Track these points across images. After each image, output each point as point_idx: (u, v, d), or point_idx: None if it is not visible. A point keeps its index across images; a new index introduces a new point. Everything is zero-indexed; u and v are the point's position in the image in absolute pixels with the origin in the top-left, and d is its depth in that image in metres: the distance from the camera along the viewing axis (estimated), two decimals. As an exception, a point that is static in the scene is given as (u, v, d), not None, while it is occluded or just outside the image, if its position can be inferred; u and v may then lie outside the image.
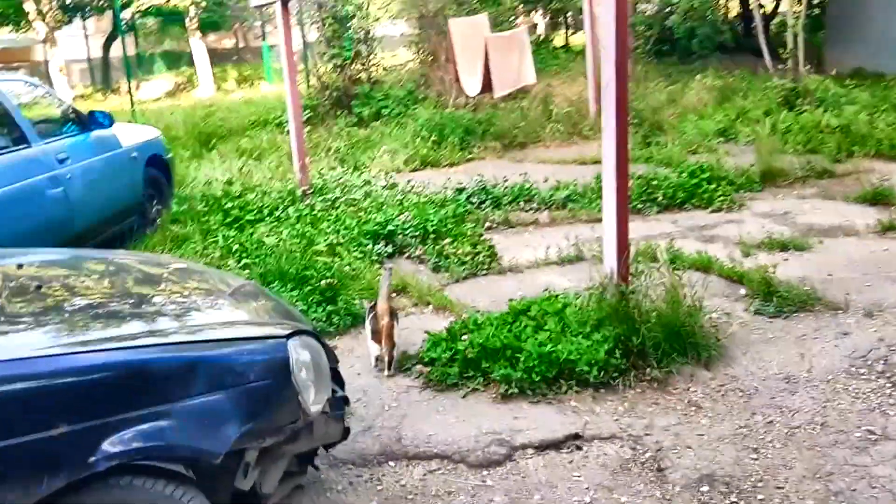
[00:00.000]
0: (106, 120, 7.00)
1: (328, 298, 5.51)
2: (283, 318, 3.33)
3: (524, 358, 4.31)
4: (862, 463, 3.55)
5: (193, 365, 2.66)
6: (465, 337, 4.57)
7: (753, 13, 14.20)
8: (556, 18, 24.53)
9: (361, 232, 6.80)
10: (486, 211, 7.99)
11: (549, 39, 23.43)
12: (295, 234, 6.75)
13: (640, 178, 8.32)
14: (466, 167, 10.71)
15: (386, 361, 4.68)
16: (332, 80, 13.60)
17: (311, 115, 13.27)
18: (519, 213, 8.00)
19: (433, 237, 6.80)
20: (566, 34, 23.74)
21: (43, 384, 2.45)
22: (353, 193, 8.33)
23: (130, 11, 25.96)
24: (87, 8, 26.68)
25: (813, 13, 18.04)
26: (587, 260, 6.05)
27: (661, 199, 7.95)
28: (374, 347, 4.76)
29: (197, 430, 2.60)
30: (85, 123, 6.94)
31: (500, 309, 5.15)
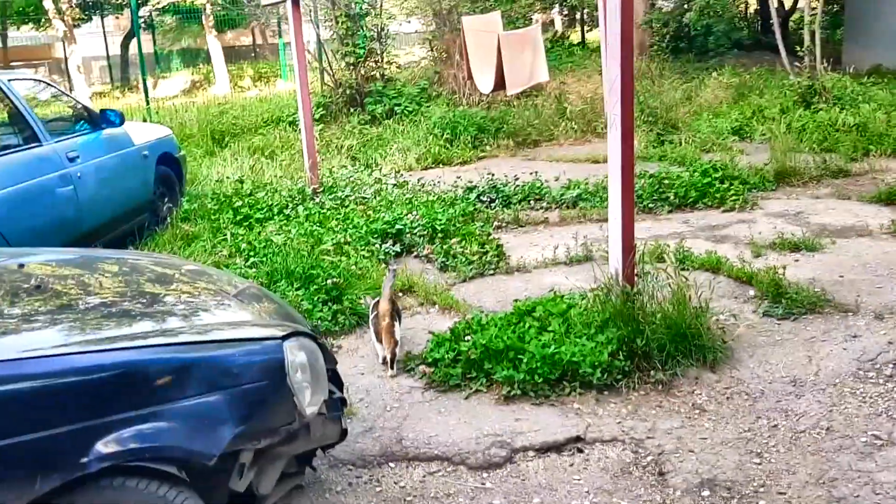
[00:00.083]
0: (117, 118, 7.03)
1: (334, 298, 5.50)
2: (283, 320, 3.32)
3: (527, 359, 4.29)
4: (866, 469, 3.50)
5: (187, 366, 2.66)
6: (468, 338, 4.55)
7: (770, 10, 14.07)
8: (572, 15, 24.39)
9: (369, 231, 6.79)
10: (495, 210, 7.97)
11: (565, 36, 23.33)
12: (303, 232, 6.75)
13: (651, 176, 8.28)
14: (478, 165, 10.71)
15: (388, 360, 4.68)
16: (345, 77, 13.59)
17: (323, 112, 13.30)
18: (529, 211, 7.98)
19: (441, 236, 6.79)
20: (582, 31, 23.61)
21: (34, 385, 2.46)
22: (362, 192, 8.33)
23: (148, 9, 26.06)
24: (105, 6, 26.82)
25: (832, 10, 17.90)
26: (596, 260, 6.03)
27: (672, 198, 7.90)
28: (380, 348, 4.78)
29: (190, 431, 2.59)
30: (96, 122, 6.97)
31: (506, 309, 5.14)
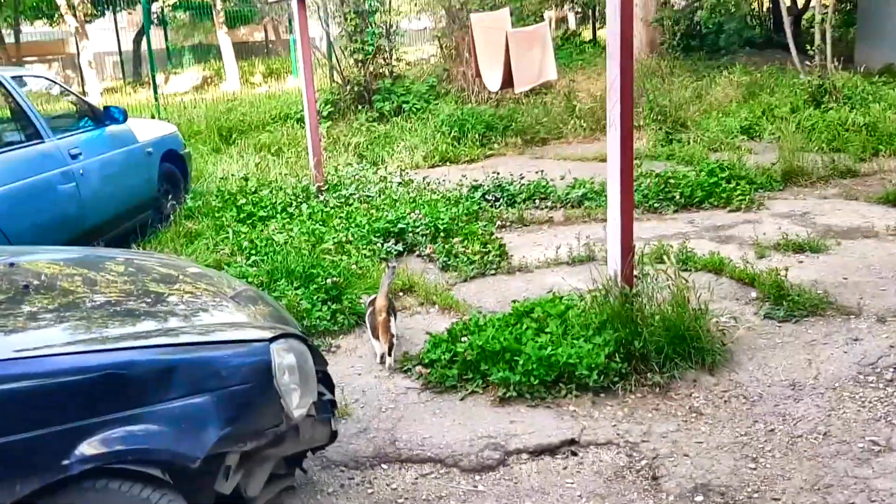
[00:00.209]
0: (120, 115, 7.03)
1: (333, 297, 5.49)
2: (276, 322, 3.31)
3: (523, 361, 4.26)
4: (863, 475, 3.46)
5: (172, 368, 2.65)
6: (464, 339, 4.53)
7: (781, 8, 13.97)
8: (584, 12, 24.29)
9: (372, 229, 6.76)
10: (500, 209, 7.94)
11: (577, 34, 23.25)
12: (305, 231, 6.73)
13: (657, 176, 8.22)
14: (486, 163, 10.67)
15: (387, 351, 4.71)
16: (353, 74, 13.56)
17: (331, 110, 13.28)
18: (534, 210, 7.94)
19: (444, 235, 6.76)
20: (594, 28, 23.51)
21: (15, 387, 2.45)
22: (367, 190, 8.30)
23: (160, 5, 26.10)
24: (118, 1, 26.88)
25: (845, 8, 17.75)
26: (598, 260, 5.99)
27: (678, 197, 7.85)
28: (377, 346, 4.79)
29: (174, 433, 2.59)
30: (100, 119, 6.99)
31: (506, 310, 5.11)
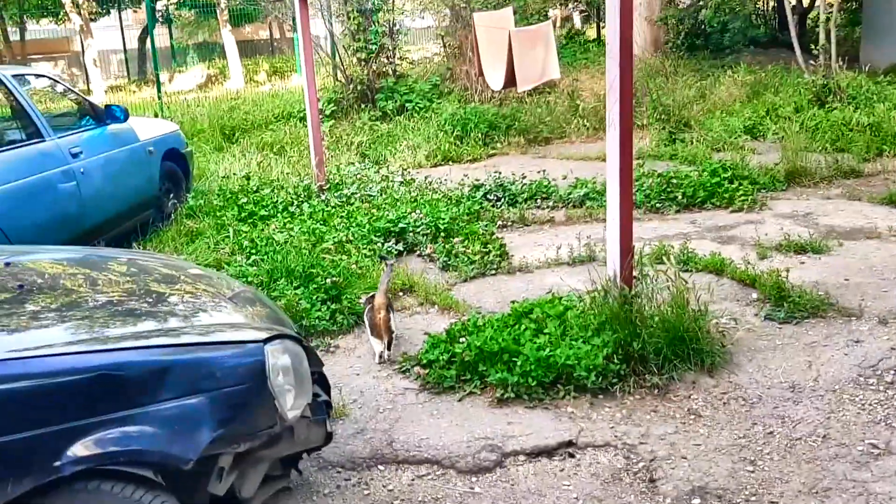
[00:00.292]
0: (121, 114, 7.03)
1: (333, 297, 5.48)
2: (273, 324, 3.29)
3: (521, 362, 4.25)
4: (861, 479, 3.44)
5: (164, 369, 2.64)
6: (462, 339, 4.51)
7: (785, 7, 13.91)
8: (589, 11, 24.23)
9: (372, 229, 6.75)
10: (501, 208, 7.92)
11: (581, 32, 23.20)
12: (305, 230, 6.72)
13: (659, 176, 8.19)
14: (488, 163, 10.65)
15: (386, 346, 4.76)
16: (356, 73, 13.54)
17: (334, 109, 13.26)
18: (535, 210, 7.92)
19: (444, 235, 6.74)
20: (598, 27, 23.46)
21: (7, 388, 2.44)
22: (369, 189, 8.29)
23: (165, 3, 26.14)
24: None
25: (850, 7, 17.69)
26: (598, 261, 5.97)
27: (680, 197, 7.81)
28: (376, 344, 4.79)
29: (167, 435, 2.57)
30: (101, 117, 6.98)
31: (505, 310, 5.09)
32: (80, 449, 2.44)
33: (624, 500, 3.44)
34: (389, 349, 4.82)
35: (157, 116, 13.23)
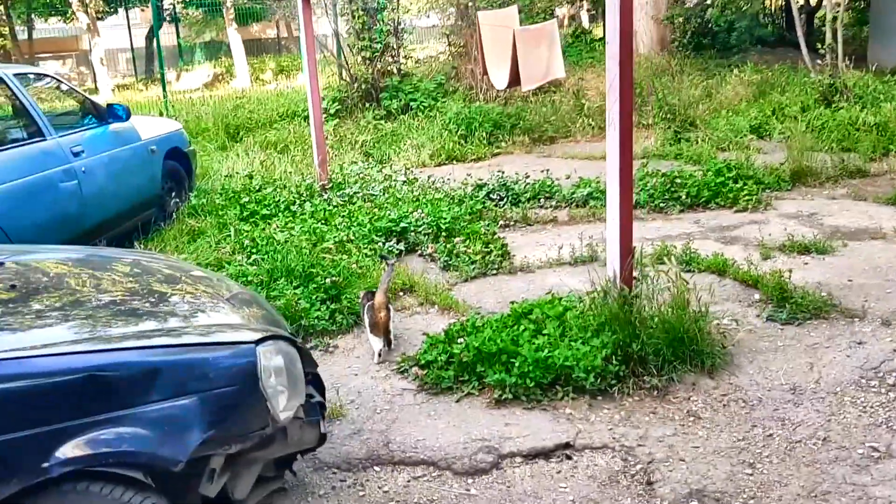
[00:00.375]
0: (123, 113, 7.02)
1: (332, 297, 5.47)
2: (269, 325, 3.27)
3: (519, 363, 4.22)
4: (861, 482, 3.40)
5: (155, 370, 2.62)
6: (461, 340, 4.49)
7: (792, 6, 13.85)
8: (595, 10, 24.16)
9: (374, 228, 6.73)
10: (504, 208, 7.89)
11: (588, 31, 23.13)
12: (306, 229, 6.70)
13: (663, 175, 8.15)
14: (492, 162, 10.63)
15: (384, 347, 4.78)
16: (360, 72, 13.52)
17: (339, 108, 13.25)
18: (538, 210, 7.89)
19: (446, 235, 6.72)
20: (604, 26, 23.38)
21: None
22: (371, 188, 8.27)
23: (172, 1, 26.16)
24: (129, -2, 27.01)
25: (858, 6, 17.60)
26: (600, 261, 5.94)
27: (684, 197, 7.78)
28: (375, 342, 4.79)
29: (157, 436, 2.56)
30: (102, 116, 6.97)
31: (505, 310, 5.05)
32: (68, 450, 2.43)
33: (621, 502, 3.41)
34: (389, 348, 4.84)
35: (162, 115, 13.23)
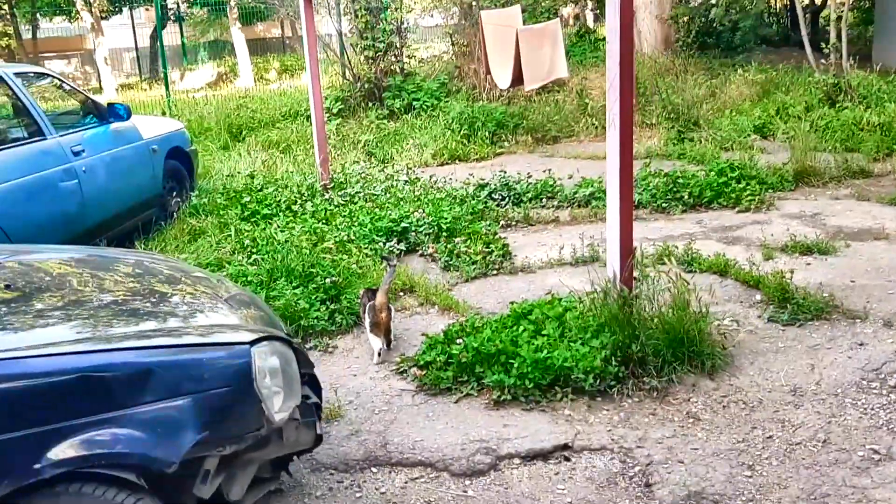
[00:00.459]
0: (124, 112, 7.01)
1: (332, 297, 5.45)
2: (265, 326, 3.26)
3: (518, 364, 4.20)
4: (861, 485, 3.38)
5: (148, 370, 2.60)
6: (459, 341, 4.47)
7: (796, 5, 13.81)
8: (599, 10, 24.12)
9: (374, 228, 6.71)
10: (506, 208, 7.87)
11: (592, 31, 23.08)
12: (307, 229, 6.68)
13: (666, 175, 8.12)
14: (495, 161, 10.59)
15: (384, 346, 4.79)
16: (363, 71, 13.50)
17: (342, 107, 13.22)
18: (540, 210, 7.86)
19: (446, 235, 6.70)
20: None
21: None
22: (373, 188, 8.25)
23: (176, 1, 26.18)
24: (133, -3, 27.03)
25: (862, 6, 17.54)
26: (602, 261, 5.91)
27: (686, 197, 7.75)
28: (375, 341, 4.79)
29: (150, 437, 2.54)
30: (103, 115, 6.96)
31: (505, 311, 5.03)
32: (60, 451, 2.42)
33: (618, 504, 3.39)
34: (388, 348, 4.84)
35: (164, 115, 13.23)
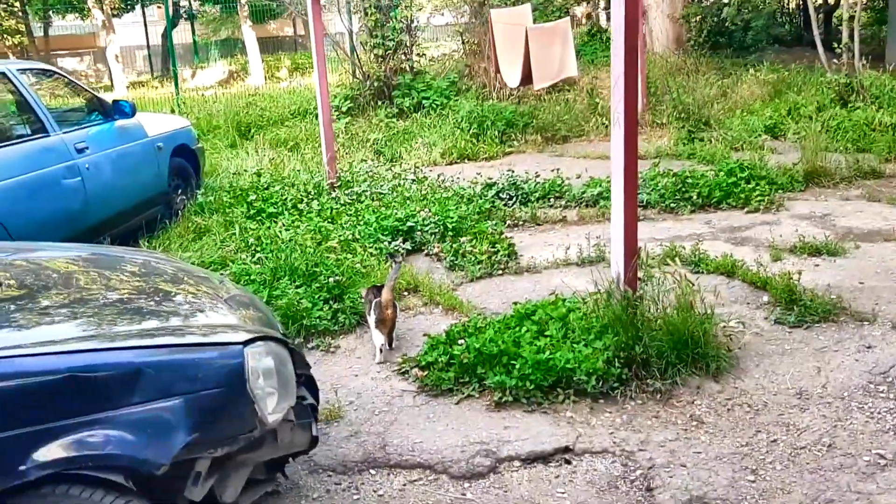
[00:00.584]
0: (129, 109, 6.99)
1: (335, 296, 5.41)
2: (263, 327, 3.22)
3: (520, 365, 4.15)
4: (866, 490, 3.31)
5: (137, 371, 2.57)
6: (461, 341, 4.42)
7: (809, 5, 13.69)
8: (610, 9, 23.97)
9: (380, 227, 6.67)
10: (513, 207, 7.82)
11: (605, 30, 22.98)
12: (311, 228, 6.65)
13: (675, 175, 8.05)
14: (504, 161, 10.53)
15: (385, 343, 4.77)
16: (373, 70, 13.46)
17: (351, 105, 13.18)
18: (547, 210, 7.80)
19: (452, 234, 6.65)
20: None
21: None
22: (380, 187, 8.21)
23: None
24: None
25: (876, 6, 17.40)
26: (608, 262, 5.84)
27: (695, 197, 7.68)
28: (378, 337, 4.77)
29: (138, 439, 2.51)
30: (108, 113, 6.94)
31: (509, 311, 4.98)
32: (46, 452, 2.39)
33: (619, 509, 3.34)
34: (391, 347, 4.81)
35: (173, 112, 13.22)
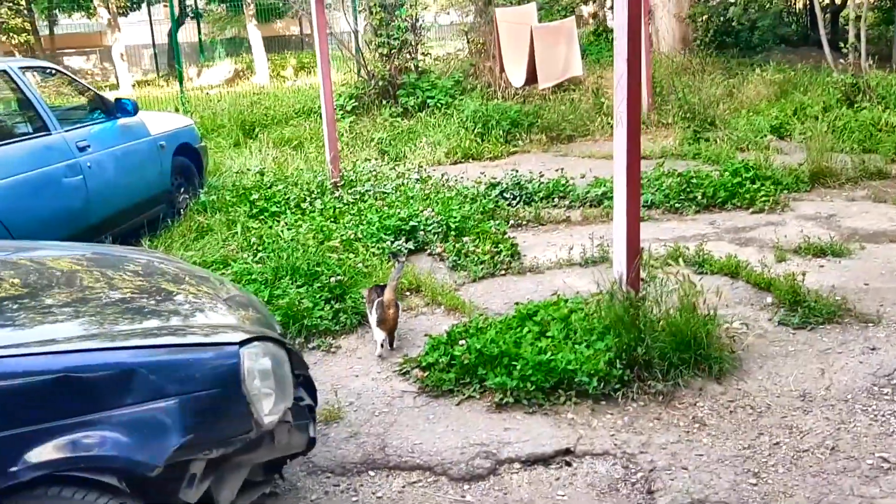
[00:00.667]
0: (131, 107, 6.97)
1: (337, 296, 5.38)
2: (261, 327, 3.19)
3: (521, 366, 4.12)
4: (869, 494, 3.28)
5: (131, 371, 2.54)
6: (462, 342, 4.39)
7: (815, 5, 13.62)
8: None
9: (382, 227, 6.64)
10: (517, 207, 7.78)
11: (611, 29, 22.95)
12: (314, 227, 6.62)
13: (680, 175, 8.00)
14: (509, 160, 10.48)
15: (387, 340, 4.79)
16: (378, 69, 13.43)
17: (355, 104, 13.15)
18: (551, 210, 7.76)
19: (455, 234, 6.62)
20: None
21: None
22: (384, 186, 8.18)
23: (195, -1, 26.26)
24: (151, -6, 27.06)
25: (883, 6, 17.32)
26: (611, 262, 5.81)
27: (700, 198, 7.63)
28: (379, 334, 4.77)
29: (132, 440, 2.49)
30: (110, 111, 6.93)
31: (511, 311, 4.96)
32: (39, 453, 2.37)
33: (619, 512, 3.31)
34: (392, 347, 4.80)
35: (178, 111, 13.21)
